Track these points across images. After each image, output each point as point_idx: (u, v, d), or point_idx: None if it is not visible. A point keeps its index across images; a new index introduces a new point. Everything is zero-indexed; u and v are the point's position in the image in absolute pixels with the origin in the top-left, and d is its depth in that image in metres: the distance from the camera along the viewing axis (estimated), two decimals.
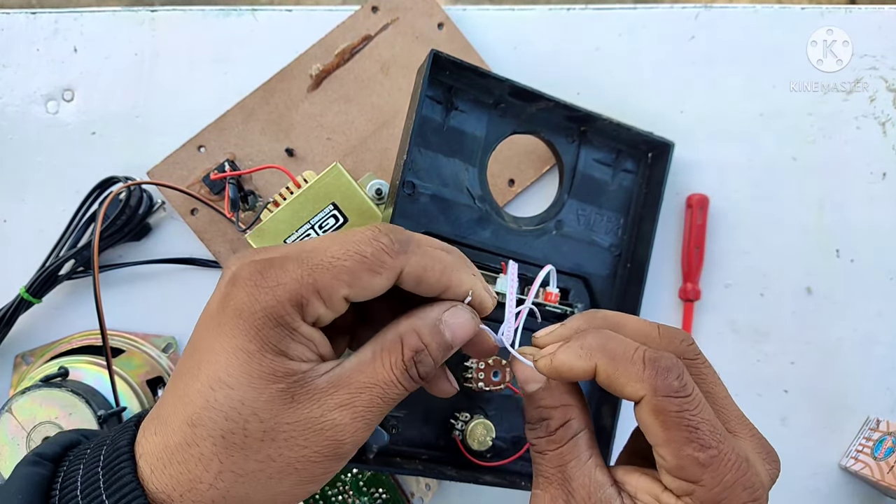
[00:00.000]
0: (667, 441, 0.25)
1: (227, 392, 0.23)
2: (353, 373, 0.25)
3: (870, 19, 0.53)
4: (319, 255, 0.25)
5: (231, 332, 0.24)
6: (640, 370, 0.25)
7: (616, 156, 0.49)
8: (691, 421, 0.25)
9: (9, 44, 0.50)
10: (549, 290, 0.44)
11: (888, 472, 0.46)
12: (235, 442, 0.24)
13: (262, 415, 0.24)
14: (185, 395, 0.24)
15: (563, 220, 0.48)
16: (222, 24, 0.51)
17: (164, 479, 0.24)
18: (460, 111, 0.44)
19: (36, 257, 0.47)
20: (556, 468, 0.27)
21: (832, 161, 0.52)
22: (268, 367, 0.24)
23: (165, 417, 0.25)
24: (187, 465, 0.24)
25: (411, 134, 0.40)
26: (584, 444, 0.28)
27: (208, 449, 0.24)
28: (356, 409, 0.25)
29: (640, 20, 0.52)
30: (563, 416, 0.28)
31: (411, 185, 0.42)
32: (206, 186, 0.48)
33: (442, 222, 0.43)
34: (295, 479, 0.25)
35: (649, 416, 0.25)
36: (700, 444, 0.24)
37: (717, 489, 0.24)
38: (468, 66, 0.42)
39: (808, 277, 0.52)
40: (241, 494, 0.24)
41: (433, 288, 0.27)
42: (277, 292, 0.24)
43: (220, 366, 0.24)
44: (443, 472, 0.42)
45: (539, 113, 0.46)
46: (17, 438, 0.41)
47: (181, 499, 0.24)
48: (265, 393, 0.23)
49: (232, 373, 0.23)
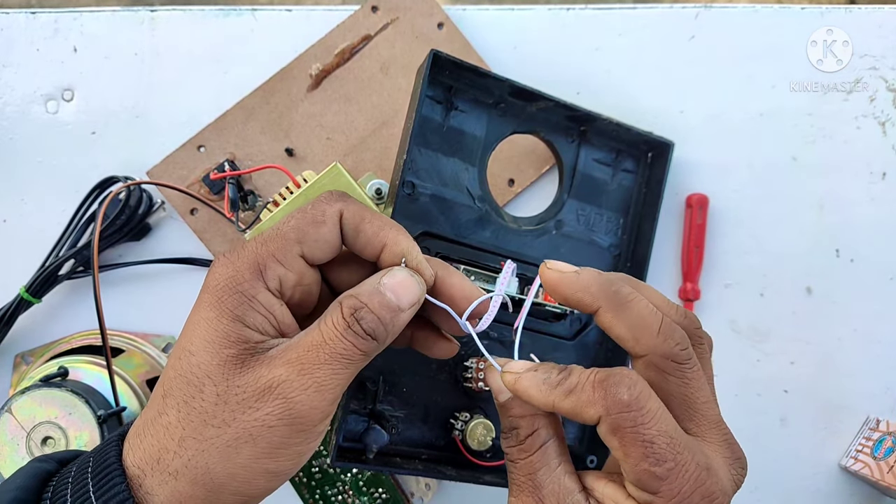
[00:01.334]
0: (625, 456, 0.26)
1: (188, 358, 0.25)
2: (300, 340, 0.26)
3: (870, 19, 0.53)
4: (274, 229, 0.27)
5: (199, 305, 0.26)
6: (590, 394, 0.26)
7: (616, 155, 0.49)
8: (646, 435, 0.25)
9: (9, 44, 0.50)
10: None
11: (888, 471, 0.46)
12: (195, 406, 0.25)
13: (215, 377, 0.25)
14: (164, 373, 0.26)
15: (563, 219, 0.48)
16: (222, 24, 0.51)
17: (138, 454, 0.25)
18: (460, 111, 0.44)
19: (36, 257, 0.47)
20: (526, 476, 0.28)
21: (832, 161, 0.52)
22: (222, 332, 0.25)
23: (150, 398, 0.27)
24: (157, 436, 0.25)
25: (411, 134, 0.40)
26: (554, 452, 0.28)
27: (174, 416, 0.25)
28: (304, 366, 0.25)
29: (640, 20, 0.52)
30: (531, 426, 0.29)
31: (411, 184, 0.42)
32: (205, 186, 0.48)
33: (442, 222, 0.43)
34: (252, 449, 0.25)
35: (608, 435, 0.26)
36: (656, 458, 0.25)
37: (675, 499, 0.25)
38: (468, 66, 0.42)
39: (808, 277, 0.52)
40: (202, 464, 0.25)
41: (371, 242, 0.29)
42: (237, 264, 0.26)
43: (186, 336, 0.26)
44: (442, 472, 0.42)
45: (539, 113, 0.46)
46: (16, 438, 0.41)
47: (151, 471, 0.25)
48: (217, 356, 0.25)
49: (194, 340, 0.25)
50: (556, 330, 0.47)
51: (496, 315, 0.45)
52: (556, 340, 0.47)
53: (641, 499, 0.26)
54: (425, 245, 0.43)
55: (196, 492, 0.25)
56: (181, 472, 0.25)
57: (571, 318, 0.47)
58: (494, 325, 0.44)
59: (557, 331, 0.47)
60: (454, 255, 0.43)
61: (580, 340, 0.48)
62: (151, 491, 0.25)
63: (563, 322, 0.47)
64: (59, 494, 0.25)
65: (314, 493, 0.48)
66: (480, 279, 0.43)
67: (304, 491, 0.48)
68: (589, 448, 0.48)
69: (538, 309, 0.45)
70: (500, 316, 0.44)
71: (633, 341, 0.27)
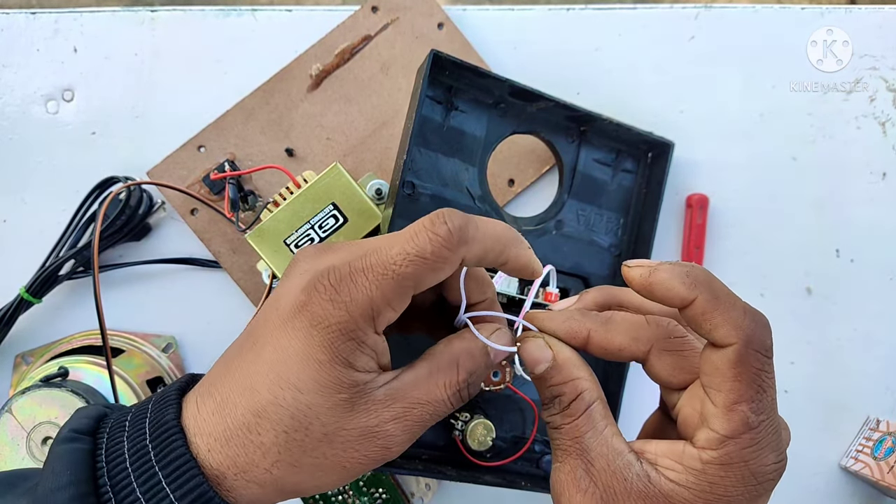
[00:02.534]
0: (731, 390, 0.25)
1: (295, 394, 0.25)
2: (409, 388, 0.27)
3: (870, 19, 0.53)
4: (383, 262, 0.25)
5: (305, 339, 0.25)
6: (740, 317, 0.25)
7: (616, 156, 0.49)
8: (764, 383, 0.25)
9: (9, 44, 0.50)
10: (549, 290, 0.44)
11: (888, 471, 0.46)
12: (297, 439, 0.25)
13: (325, 419, 0.25)
14: (249, 387, 0.26)
15: (563, 219, 0.48)
16: (222, 24, 0.51)
17: (219, 458, 0.25)
18: (460, 111, 0.44)
19: (36, 257, 0.47)
20: (572, 440, 0.27)
21: (832, 161, 0.52)
22: (335, 378, 0.25)
23: (225, 401, 0.26)
24: (246, 448, 0.25)
25: (411, 134, 0.40)
26: (599, 415, 0.27)
27: (269, 439, 0.25)
28: (407, 423, 0.27)
29: (640, 20, 0.52)
30: (574, 390, 0.28)
31: (411, 185, 0.42)
32: (205, 186, 0.48)
33: None
34: (341, 474, 0.27)
35: (727, 364, 0.25)
36: (759, 406, 0.25)
37: (751, 449, 0.25)
38: (468, 66, 0.42)
39: (807, 277, 0.52)
40: (292, 482, 0.26)
41: (493, 265, 0.28)
42: (351, 308, 0.25)
43: (290, 368, 0.25)
44: (443, 473, 0.42)
45: (539, 113, 0.46)
46: (17, 439, 0.41)
47: (235, 477, 0.25)
48: (330, 401, 0.25)
49: (302, 378, 0.25)
50: None
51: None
52: None
53: (712, 441, 0.25)
54: None
55: (277, 495, 0.27)
56: (268, 484, 0.26)
57: None
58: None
59: None
60: None
61: None
62: (233, 489, 0.26)
63: None
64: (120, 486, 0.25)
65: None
66: None
67: None
68: None
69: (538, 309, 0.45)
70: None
71: (732, 328, 0.26)
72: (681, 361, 0.29)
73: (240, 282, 0.49)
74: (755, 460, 0.25)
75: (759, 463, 0.25)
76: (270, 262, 0.41)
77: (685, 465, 0.26)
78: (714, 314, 0.25)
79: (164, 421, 0.26)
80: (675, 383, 0.29)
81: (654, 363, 0.29)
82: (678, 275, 0.26)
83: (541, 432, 0.47)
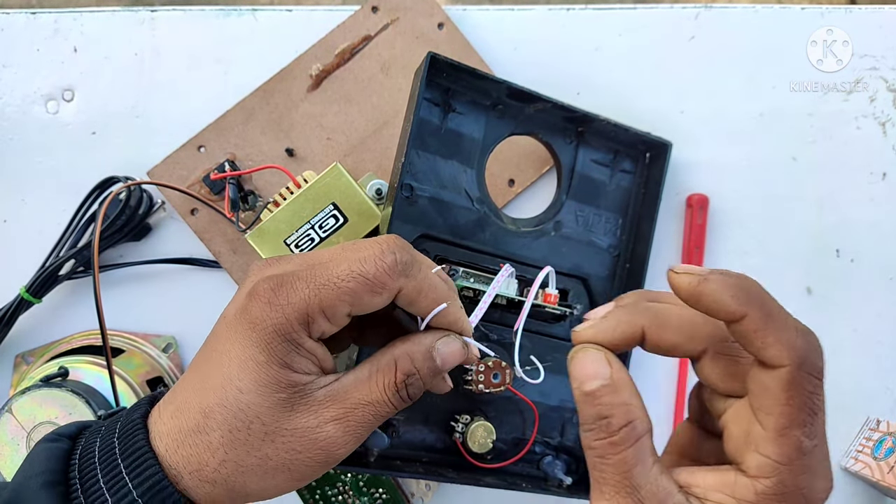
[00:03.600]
0: (782, 414, 0.24)
1: (237, 395, 0.27)
2: (349, 389, 0.28)
3: (870, 19, 0.53)
4: (326, 275, 0.27)
5: (244, 341, 0.27)
6: (793, 337, 0.24)
7: (614, 156, 0.49)
8: (815, 406, 0.24)
9: (9, 44, 0.50)
10: (549, 291, 0.44)
11: (888, 472, 0.46)
12: (239, 438, 0.27)
13: (265, 419, 0.27)
14: (201, 389, 0.27)
15: (562, 220, 0.47)
16: (222, 24, 0.51)
17: (176, 458, 0.27)
18: (458, 113, 0.44)
19: (36, 257, 0.47)
20: (621, 475, 0.25)
21: (832, 161, 0.52)
22: (273, 378, 0.26)
23: (181, 405, 0.28)
24: (197, 448, 0.27)
25: (409, 137, 0.40)
26: (648, 449, 0.25)
27: (216, 439, 0.27)
28: (348, 424, 0.27)
29: (640, 20, 0.52)
30: (626, 416, 0.25)
31: (409, 187, 0.42)
32: (206, 186, 0.48)
33: (440, 225, 0.43)
34: (287, 476, 0.28)
35: (778, 386, 0.24)
36: (811, 430, 0.24)
37: (805, 476, 0.24)
38: (465, 68, 0.42)
39: (807, 277, 0.52)
40: (240, 482, 0.27)
41: (421, 312, 0.29)
42: (287, 311, 0.26)
43: (233, 370, 0.27)
44: (443, 475, 0.42)
45: (537, 114, 0.46)
46: (17, 438, 0.41)
47: (189, 476, 0.27)
48: (269, 400, 0.26)
49: (243, 378, 0.26)
50: (556, 331, 0.47)
51: (496, 317, 0.45)
52: (556, 342, 0.47)
53: (764, 468, 0.24)
54: (424, 248, 0.43)
55: (229, 496, 0.28)
56: (218, 483, 0.27)
57: (571, 319, 0.47)
58: (494, 327, 0.45)
59: (557, 332, 0.47)
60: (453, 258, 0.43)
61: None
62: (189, 489, 0.27)
63: (563, 323, 0.47)
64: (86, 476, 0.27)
65: (314, 494, 0.48)
66: (479, 281, 0.43)
67: (304, 491, 0.48)
68: None
69: (538, 310, 0.45)
70: (499, 318, 0.45)
71: (784, 349, 0.25)
72: (735, 368, 0.27)
73: (240, 282, 0.49)
74: (809, 487, 0.24)
75: (813, 489, 0.24)
76: None
77: (738, 499, 0.24)
78: (766, 333, 0.24)
79: (131, 420, 0.28)
80: (724, 389, 0.27)
81: (706, 365, 0.27)
82: (730, 287, 0.25)
83: (541, 433, 0.47)
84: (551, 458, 0.47)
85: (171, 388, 0.29)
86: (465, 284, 0.42)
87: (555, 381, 0.46)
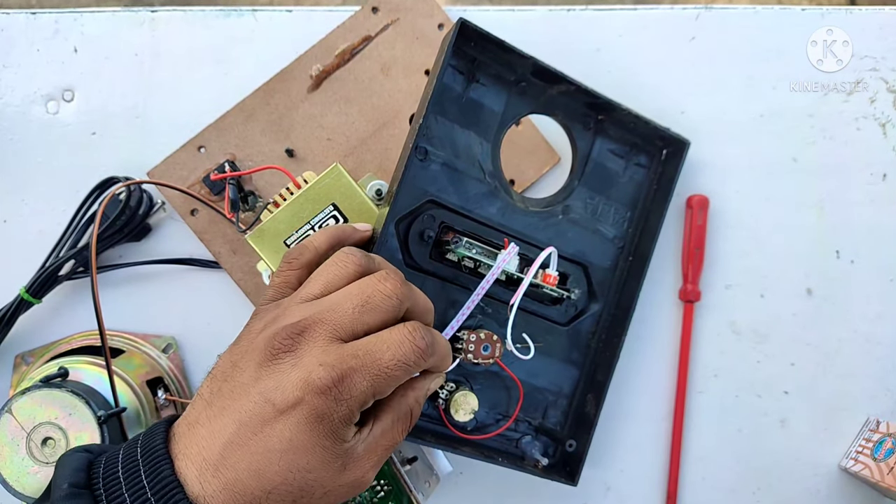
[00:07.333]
0: None
1: (304, 475, 0.30)
2: (380, 439, 0.33)
3: (870, 20, 0.53)
4: (378, 366, 0.31)
5: (310, 431, 0.30)
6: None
7: (631, 148, 0.49)
8: None
9: (9, 44, 0.50)
10: (549, 272, 0.44)
11: (888, 473, 0.46)
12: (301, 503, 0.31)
13: (325, 484, 0.31)
14: (258, 471, 0.29)
15: (571, 205, 0.47)
16: (222, 25, 0.51)
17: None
18: (481, 84, 0.44)
19: (36, 257, 0.47)
20: None
21: (832, 162, 0.52)
22: (335, 454, 0.31)
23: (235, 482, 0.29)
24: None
25: (429, 99, 0.40)
26: None
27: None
28: (379, 463, 0.33)
29: (641, 21, 0.52)
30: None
31: (424, 150, 0.42)
32: (206, 187, 0.48)
33: (450, 192, 0.43)
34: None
35: None
36: None
37: None
38: (494, 39, 0.41)
39: (808, 279, 0.52)
40: None
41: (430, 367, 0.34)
42: (352, 404, 0.30)
43: (300, 458, 0.30)
44: (422, 438, 0.42)
45: (559, 96, 0.46)
46: (16, 439, 0.41)
47: None
48: (330, 470, 0.31)
49: (310, 461, 0.30)
50: (551, 314, 0.47)
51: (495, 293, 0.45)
52: (550, 324, 0.47)
53: None
54: (430, 213, 0.43)
55: None
56: None
57: (567, 303, 0.47)
58: (491, 301, 0.45)
59: (552, 315, 0.47)
60: (458, 227, 0.44)
61: (574, 327, 0.48)
62: None
63: (559, 307, 0.47)
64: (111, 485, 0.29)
65: None
66: (482, 253, 0.43)
67: None
68: (569, 433, 0.48)
69: (536, 291, 0.45)
70: (496, 293, 0.45)
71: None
72: None
73: (240, 282, 0.49)
74: None
75: None
76: (270, 262, 0.41)
77: None
78: None
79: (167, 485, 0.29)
80: None
81: None
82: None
83: (524, 412, 0.47)
84: (531, 437, 0.47)
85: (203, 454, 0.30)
86: (466, 254, 0.42)
87: (544, 363, 0.47)
